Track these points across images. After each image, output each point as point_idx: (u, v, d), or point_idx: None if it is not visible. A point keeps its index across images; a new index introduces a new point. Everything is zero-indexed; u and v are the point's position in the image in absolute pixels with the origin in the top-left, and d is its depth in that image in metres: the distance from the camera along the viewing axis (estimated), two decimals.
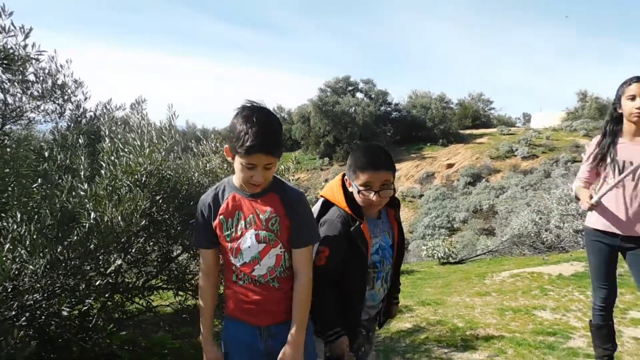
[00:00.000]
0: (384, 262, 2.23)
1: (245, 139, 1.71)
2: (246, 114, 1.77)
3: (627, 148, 2.95)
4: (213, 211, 1.94)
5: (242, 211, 1.92)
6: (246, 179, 1.82)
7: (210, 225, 1.95)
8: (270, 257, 1.93)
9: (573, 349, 3.98)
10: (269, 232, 1.92)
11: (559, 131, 38.30)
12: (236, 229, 1.92)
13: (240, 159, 1.77)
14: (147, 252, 3.62)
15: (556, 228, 10.77)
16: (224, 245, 1.95)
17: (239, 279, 1.97)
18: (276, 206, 1.93)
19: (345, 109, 41.30)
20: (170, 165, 3.63)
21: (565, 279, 6.88)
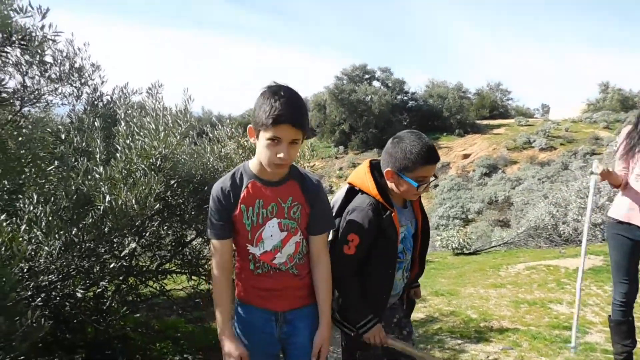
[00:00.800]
0: (406, 252, 2.23)
1: (273, 110, 1.68)
2: (273, 89, 1.75)
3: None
4: (233, 199, 1.87)
5: (263, 199, 1.88)
6: (272, 156, 1.75)
7: (229, 214, 1.88)
8: (291, 244, 1.93)
9: (590, 344, 3.92)
10: (291, 220, 1.91)
11: (579, 123, 37.68)
12: (258, 217, 1.88)
13: (266, 133, 1.72)
14: (161, 236, 3.63)
15: (574, 221, 10.61)
16: (242, 234, 1.90)
17: (257, 268, 1.94)
18: (297, 194, 1.92)
19: (362, 97, 41.07)
20: (186, 149, 3.61)
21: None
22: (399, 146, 2.05)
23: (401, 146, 2.04)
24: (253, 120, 1.78)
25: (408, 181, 2.03)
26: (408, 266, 2.27)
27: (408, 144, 2.03)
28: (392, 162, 2.07)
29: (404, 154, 2.02)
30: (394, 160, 2.06)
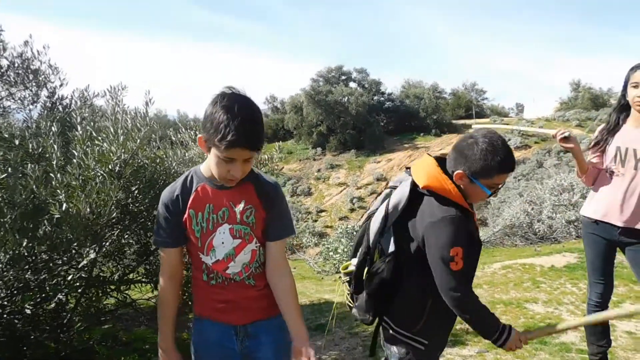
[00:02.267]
0: None
1: (226, 133, 1.52)
2: (226, 104, 1.56)
3: (630, 134, 2.82)
4: (182, 204, 1.75)
5: (214, 204, 1.75)
6: (223, 173, 1.64)
7: (178, 220, 1.75)
8: (246, 253, 1.79)
9: (566, 344, 3.88)
10: (244, 225, 1.77)
11: (552, 121, 38.33)
12: (208, 223, 1.75)
13: (217, 152, 1.59)
14: (123, 245, 3.47)
15: (548, 219, 10.71)
16: (192, 241, 1.77)
17: (210, 279, 1.80)
18: (251, 197, 1.78)
19: (338, 98, 41.06)
20: (148, 154, 3.47)
21: (557, 270, 6.79)
22: (478, 148, 1.83)
23: (481, 148, 1.82)
24: (203, 132, 1.62)
25: (481, 187, 1.86)
26: None
27: (489, 148, 1.81)
28: (467, 164, 1.85)
29: (483, 158, 1.81)
30: (470, 163, 1.84)
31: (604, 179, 2.95)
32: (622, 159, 2.82)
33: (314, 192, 34.54)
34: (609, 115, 3.00)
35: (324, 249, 10.45)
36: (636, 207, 2.79)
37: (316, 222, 28.95)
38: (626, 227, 2.82)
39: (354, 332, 4.54)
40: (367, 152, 38.69)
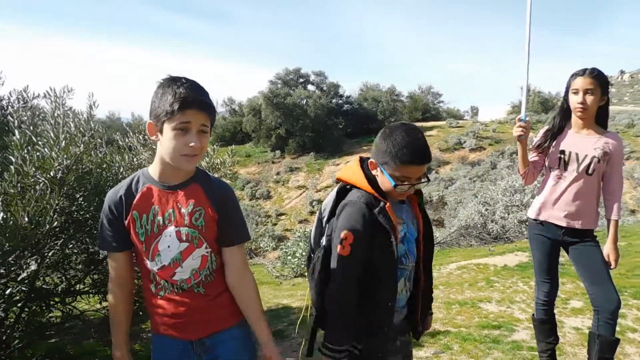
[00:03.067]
0: (409, 256, 1.93)
1: (178, 95, 1.51)
2: (171, 78, 1.58)
3: (572, 140, 2.92)
4: (125, 206, 1.66)
5: (160, 205, 1.66)
6: (180, 147, 1.54)
7: (122, 223, 1.66)
8: (195, 258, 1.69)
9: (517, 342, 3.96)
10: (193, 228, 1.67)
11: (505, 124, 39.46)
12: (152, 226, 1.65)
13: (171, 123, 1.52)
14: (68, 255, 3.30)
15: (501, 219, 10.99)
16: (137, 246, 1.68)
17: (159, 289, 1.70)
18: (200, 198, 1.69)
19: (297, 101, 41.01)
20: (94, 159, 3.33)
21: (510, 269, 6.97)
22: (386, 137, 1.81)
23: (389, 138, 1.79)
24: (153, 114, 1.57)
25: (387, 176, 1.80)
26: (411, 275, 1.98)
27: (395, 137, 1.78)
28: (376, 153, 1.84)
29: (387, 147, 1.78)
30: (377, 151, 1.83)
31: (547, 182, 3.03)
32: (566, 162, 2.91)
33: (273, 195, 34.34)
34: (552, 119, 3.09)
35: (282, 253, 10.36)
36: (578, 208, 2.90)
37: (276, 226, 28.76)
38: (569, 227, 2.92)
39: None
40: (326, 154, 38.76)
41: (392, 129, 1.83)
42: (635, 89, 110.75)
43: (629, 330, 4.11)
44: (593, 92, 2.76)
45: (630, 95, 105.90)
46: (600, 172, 2.86)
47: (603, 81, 2.78)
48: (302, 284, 8.51)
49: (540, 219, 3.05)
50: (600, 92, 2.76)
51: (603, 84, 2.77)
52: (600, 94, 2.77)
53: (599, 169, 2.84)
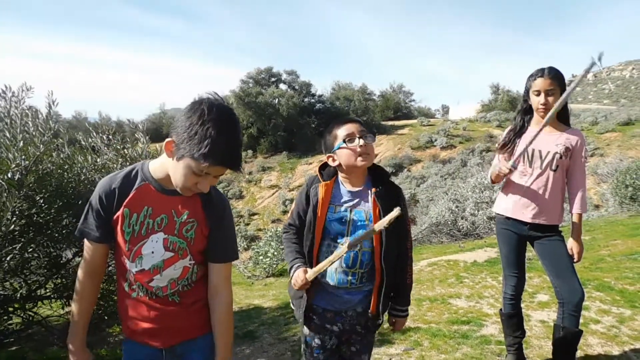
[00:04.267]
0: (348, 236, 2.07)
1: (213, 150, 1.42)
2: (215, 117, 1.44)
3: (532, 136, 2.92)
4: (117, 198, 1.58)
5: (153, 207, 1.60)
6: (189, 185, 1.51)
7: (110, 215, 1.59)
8: (176, 268, 1.64)
9: (485, 337, 4.02)
10: (181, 238, 1.63)
11: (475, 122, 40.13)
12: (141, 227, 1.59)
13: (193, 164, 1.45)
14: (28, 259, 3.20)
15: (471, 215, 11.15)
16: (120, 244, 1.61)
17: (132, 289, 1.65)
18: (196, 210, 1.65)
19: (269, 100, 40.86)
20: (55, 160, 3.23)
21: (479, 265, 7.07)
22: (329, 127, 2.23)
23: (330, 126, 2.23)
24: (177, 139, 1.47)
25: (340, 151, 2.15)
26: (351, 260, 2.08)
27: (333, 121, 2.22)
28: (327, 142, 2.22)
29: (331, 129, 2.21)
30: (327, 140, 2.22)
31: (513, 178, 3.07)
32: (530, 159, 2.97)
33: (245, 195, 34.12)
34: (514, 118, 3.15)
35: (254, 253, 10.29)
36: (542, 204, 2.96)
37: (248, 226, 28.57)
38: (533, 223, 2.98)
39: (282, 338, 4.47)
40: (298, 153, 38.70)
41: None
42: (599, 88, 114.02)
43: (592, 322, 4.21)
44: (553, 92, 2.82)
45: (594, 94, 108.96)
46: (564, 168, 2.92)
47: (561, 80, 2.85)
48: (273, 283, 8.46)
49: (506, 214, 3.10)
50: (560, 91, 2.82)
51: (562, 83, 2.84)
52: (560, 92, 2.82)
53: (562, 165, 2.90)
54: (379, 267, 2.10)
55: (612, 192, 12.38)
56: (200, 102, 1.47)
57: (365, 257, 2.11)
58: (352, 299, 2.15)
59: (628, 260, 6.43)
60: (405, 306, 2.26)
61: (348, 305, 2.16)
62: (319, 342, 2.19)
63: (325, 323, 2.18)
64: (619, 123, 29.27)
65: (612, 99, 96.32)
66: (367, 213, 2.10)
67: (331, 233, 2.11)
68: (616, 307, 4.60)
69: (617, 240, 8.03)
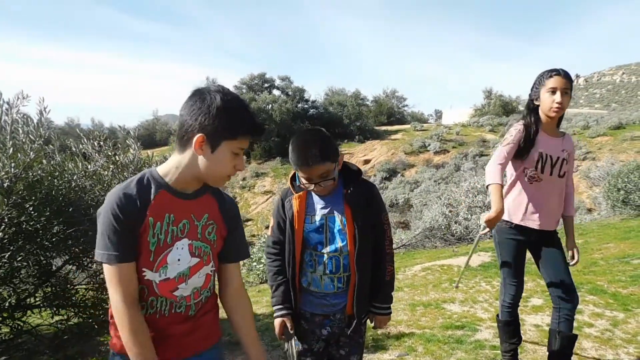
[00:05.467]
0: (327, 245, 2.11)
1: (247, 121, 1.53)
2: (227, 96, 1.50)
3: (546, 141, 2.88)
4: (140, 207, 1.47)
5: (174, 214, 1.53)
6: (230, 168, 1.55)
7: (137, 225, 1.47)
8: (200, 276, 1.60)
9: (480, 342, 4.01)
10: (205, 242, 1.60)
11: (468, 127, 40.25)
12: (166, 236, 1.51)
13: (233, 144, 1.51)
14: (17, 268, 3.16)
15: (465, 220, 11.17)
16: (142, 255, 1.49)
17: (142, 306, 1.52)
18: (214, 211, 1.64)
19: (262, 106, 40.78)
20: (45, 167, 3.20)
21: (472, 270, 7.07)
22: (290, 144, 2.07)
23: (290, 145, 2.06)
24: (212, 128, 1.46)
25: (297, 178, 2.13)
26: (334, 266, 2.13)
27: (292, 145, 2.05)
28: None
29: (289, 154, 2.06)
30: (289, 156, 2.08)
31: (522, 184, 2.96)
32: (543, 165, 2.86)
33: (239, 201, 33.99)
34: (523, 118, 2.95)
35: (247, 259, 10.25)
36: (551, 209, 2.92)
37: None
38: (542, 230, 2.93)
39: (276, 345, 4.44)
40: None
41: (293, 137, 2.08)
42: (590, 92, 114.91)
43: (586, 326, 4.21)
44: (568, 92, 2.75)
45: (585, 98, 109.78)
46: (568, 173, 2.92)
47: (571, 83, 2.80)
48: (267, 290, 8.41)
49: (515, 222, 2.97)
50: (570, 94, 2.79)
51: (572, 86, 2.81)
52: (570, 95, 2.79)
53: (567, 170, 2.90)
54: (353, 269, 2.13)
55: (604, 195, 12.45)
56: (205, 92, 1.49)
57: (347, 260, 2.14)
58: (340, 302, 2.19)
59: (621, 263, 6.46)
60: (385, 303, 2.28)
61: (336, 308, 2.19)
62: (306, 345, 2.22)
63: (314, 327, 2.21)
64: (610, 127, 29.45)
65: (603, 103, 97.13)
66: (341, 217, 2.12)
67: (311, 243, 2.15)
68: (609, 310, 4.61)
69: (610, 243, 8.06)
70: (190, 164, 1.52)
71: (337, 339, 2.24)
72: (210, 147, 1.49)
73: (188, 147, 1.50)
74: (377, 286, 2.24)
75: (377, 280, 2.23)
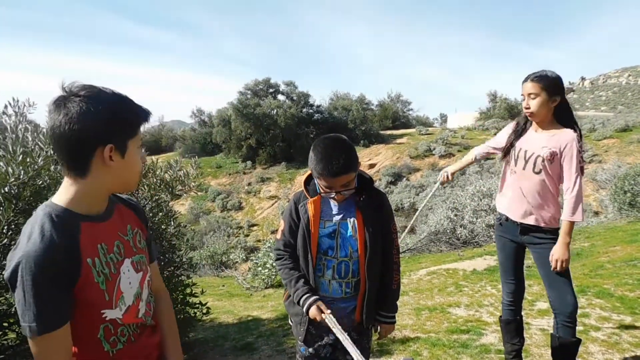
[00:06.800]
0: (338, 250, 2.14)
1: (138, 107, 1.41)
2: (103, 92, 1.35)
3: (527, 137, 3.01)
4: (72, 255, 1.28)
5: (105, 241, 1.40)
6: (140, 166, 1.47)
7: (71, 279, 1.28)
8: (146, 287, 1.55)
9: (485, 346, 4.00)
10: (141, 253, 1.54)
11: (473, 130, 40.18)
12: (109, 267, 1.39)
13: (135, 140, 1.40)
14: None
15: (470, 223, 11.14)
16: (95, 300, 1.35)
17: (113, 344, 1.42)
18: (133, 219, 1.58)
19: (267, 111, 40.85)
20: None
21: (478, 273, 7.05)
22: (311, 150, 2.07)
23: (312, 153, 2.06)
24: (112, 132, 1.32)
25: (316, 184, 2.13)
26: (343, 271, 2.16)
27: (315, 154, 2.03)
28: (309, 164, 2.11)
29: (310, 162, 2.06)
30: (309, 162, 2.09)
31: (504, 175, 3.18)
32: (516, 158, 3.01)
33: (244, 206, 34.06)
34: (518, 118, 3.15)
35: (253, 264, 10.26)
36: (529, 204, 2.95)
37: (248, 237, 28.49)
38: (524, 224, 2.98)
39: (281, 349, 4.45)
40: (297, 164, 38.70)
41: (315, 144, 2.06)
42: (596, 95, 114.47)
43: (592, 329, 4.19)
44: (536, 95, 2.82)
45: (591, 101, 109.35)
46: (550, 172, 2.87)
47: (548, 83, 2.80)
48: (272, 295, 8.43)
49: (501, 211, 3.16)
50: (547, 94, 2.80)
51: (548, 86, 2.80)
52: (548, 95, 2.80)
53: (546, 169, 2.86)
54: (363, 275, 2.15)
55: (611, 198, 12.38)
56: (71, 101, 1.29)
57: (356, 265, 2.16)
58: (348, 305, 2.22)
59: (627, 266, 6.42)
60: (391, 312, 2.30)
61: (343, 312, 2.21)
62: (313, 351, 2.23)
63: (321, 332, 2.22)
64: (616, 129, 29.31)
65: (609, 106, 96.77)
66: (353, 224, 2.15)
67: (322, 247, 2.17)
68: (616, 314, 4.59)
69: (617, 246, 8.02)
70: (102, 182, 1.37)
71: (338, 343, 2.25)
72: (119, 153, 1.36)
73: (91, 166, 1.33)
74: (384, 295, 2.26)
75: (384, 289, 2.26)
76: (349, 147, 2.04)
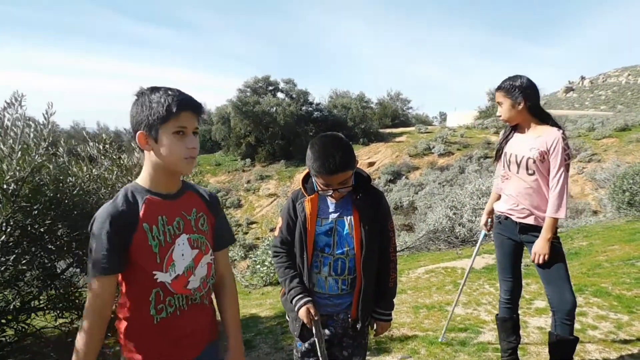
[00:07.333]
0: (334, 247, 2.16)
1: (172, 98, 1.54)
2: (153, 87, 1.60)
3: (514, 141, 3.05)
4: (129, 219, 1.56)
5: (166, 215, 1.63)
6: (182, 150, 1.58)
7: (126, 238, 1.54)
8: (202, 265, 1.72)
9: (483, 344, 4.01)
10: (201, 234, 1.71)
11: (472, 129, 40.17)
12: (165, 236, 1.61)
13: (168, 126, 1.55)
14: (22, 271, 3.18)
15: (469, 222, 11.14)
16: (148, 259, 1.57)
17: (159, 311, 1.61)
18: (199, 204, 1.75)
19: (266, 109, 40.81)
20: (51, 171, 3.23)
21: (476, 272, 7.05)
22: (308, 151, 2.08)
23: (309, 151, 2.07)
24: (144, 124, 1.56)
25: (314, 184, 2.14)
26: (339, 268, 2.17)
27: (313, 150, 2.05)
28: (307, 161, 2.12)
29: (308, 160, 2.07)
30: (307, 160, 2.09)
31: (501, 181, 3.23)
32: (508, 164, 3.06)
33: (244, 203, 34.06)
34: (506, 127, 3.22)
35: (252, 262, 10.26)
36: (527, 205, 2.98)
37: (247, 235, 28.50)
38: (522, 224, 3.01)
39: (279, 347, 4.45)
40: (296, 162, 38.68)
41: (312, 142, 2.07)
42: (595, 94, 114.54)
43: (590, 328, 4.20)
44: (501, 103, 2.96)
45: (590, 100, 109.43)
46: (543, 171, 2.89)
47: (508, 89, 2.91)
48: (271, 292, 8.44)
49: (499, 211, 3.18)
50: (511, 100, 2.90)
51: (508, 92, 2.91)
52: (511, 100, 2.90)
53: (538, 169, 2.89)
54: (359, 272, 2.17)
55: (610, 197, 12.38)
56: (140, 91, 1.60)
57: (352, 263, 2.18)
58: (344, 302, 2.23)
59: (625, 265, 6.43)
60: (387, 310, 2.31)
61: (339, 308, 2.23)
62: (309, 346, 2.25)
63: None
64: (615, 129, 29.29)
65: (608, 105, 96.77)
66: (350, 222, 2.17)
67: (319, 245, 2.18)
68: (614, 312, 4.59)
69: (615, 245, 8.02)
70: (154, 162, 1.62)
71: (340, 340, 2.28)
72: (153, 139, 1.57)
73: (143, 150, 1.62)
74: (380, 292, 2.28)
75: (381, 287, 2.27)
76: (346, 145, 2.05)
